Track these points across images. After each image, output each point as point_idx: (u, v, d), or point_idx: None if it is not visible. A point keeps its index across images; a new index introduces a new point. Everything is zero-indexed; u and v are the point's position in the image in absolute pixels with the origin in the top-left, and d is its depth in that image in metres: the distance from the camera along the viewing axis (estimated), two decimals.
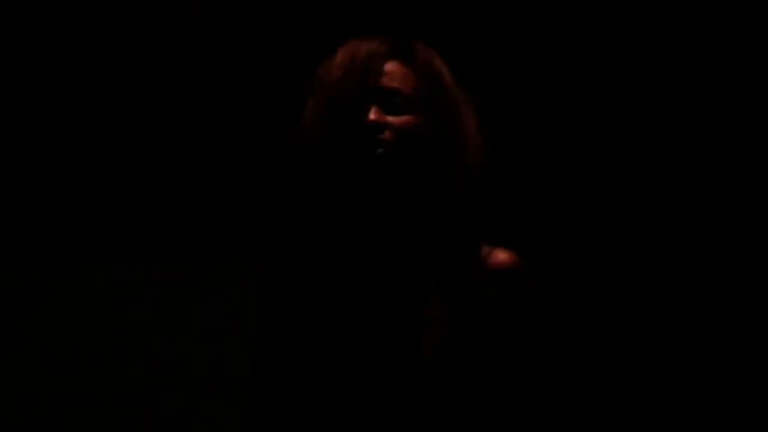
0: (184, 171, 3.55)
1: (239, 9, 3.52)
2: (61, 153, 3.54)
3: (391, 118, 1.95)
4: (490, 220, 2.02)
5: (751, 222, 3.43)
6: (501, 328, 1.95)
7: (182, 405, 3.44)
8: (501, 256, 1.98)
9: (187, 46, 3.54)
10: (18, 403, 3.46)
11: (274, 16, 3.51)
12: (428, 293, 1.96)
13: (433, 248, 1.99)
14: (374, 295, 1.96)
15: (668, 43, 3.45)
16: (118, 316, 3.51)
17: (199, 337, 3.47)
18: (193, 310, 3.50)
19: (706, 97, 3.45)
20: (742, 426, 3.39)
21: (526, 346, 1.96)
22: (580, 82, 3.48)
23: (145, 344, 3.49)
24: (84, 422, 3.46)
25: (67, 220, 3.53)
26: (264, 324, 2.00)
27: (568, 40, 3.48)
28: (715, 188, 3.44)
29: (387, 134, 1.93)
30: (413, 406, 1.89)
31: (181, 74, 3.55)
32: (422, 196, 1.98)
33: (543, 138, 3.48)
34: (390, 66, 1.99)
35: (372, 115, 1.93)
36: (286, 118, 2.05)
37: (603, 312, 3.43)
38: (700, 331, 3.43)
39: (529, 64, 3.47)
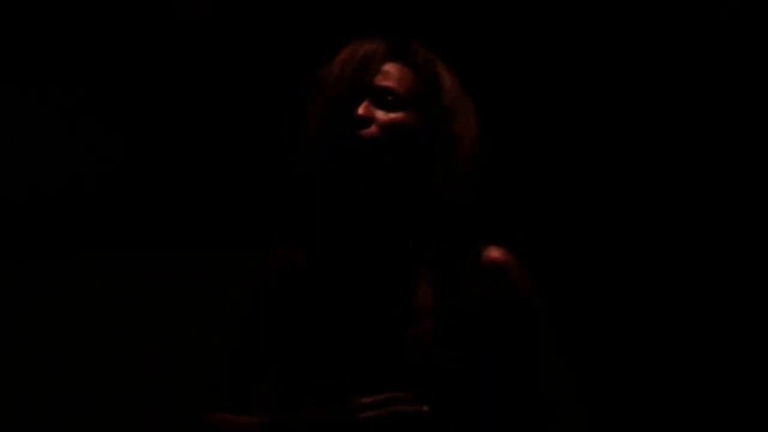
0: (184, 171, 3.56)
1: (239, 9, 3.53)
2: (61, 153, 3.55)
3: (379, 114, 1.96)
4: (486, 218, 2.03)
5: (750, 222, 3.43)
6: (494, 325, 1.96)
7: (182, 400, 3.45)
8: (494, 253, 2.01)
9: (187, 46, 3.54)
10: (22, 396, 3.47)
11: (274, 16, 3.52)
12: (422, 288, 1.98)
13: (428, 245, 2.01)
14: (370, 290, 1.98)
15: (668, 43, 3.46)
16: (115, 315, 3.52)
17: (199, 333, 3.48)
18: (194, 307, 3.51)
19: (706, 96, 3.45)
20: (742, 426, 3.40)
21: (519, 342, 1.97)
22: (579, 82, 3.48)
23: (145, 340, 3.51)
24: (86, 415, 3.48)
25: (66, 219, 3.54)
26: (262, 317, 2.02)
27: (567, 40, 3.48)
28: (715, 188, 3.45)
29: (373, 129, 1.95)
30: (405, 390, 1.90)
31: (181, 74, 3.56)
32: (416, 195, 1.99)
33: (541, 138, 3.49)
34: (388, 66, 2.02)
35: (360, 110, 1.95)
36: (286, 118, 2.06)
37: (600, 310, 3.44)
38: (698, 329, 3.44)
39: (528, 64, 3.48)
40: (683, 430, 3.40)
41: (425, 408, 1.84)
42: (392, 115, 1.97)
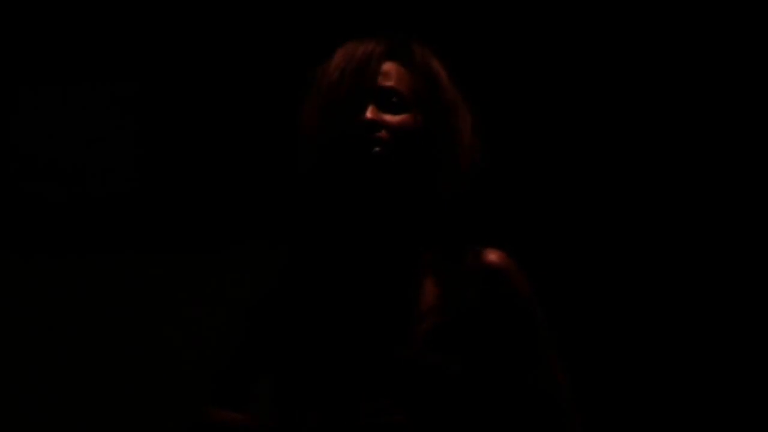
0: (191, 168, 3.57)
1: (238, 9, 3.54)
2: (74, 152, 3.57)
3: (387, 117, 1.96)
4: (483, 219, 2.04)
5: (749, 224, 3.43)
6: (492, 327, 1.97)
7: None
8: (491, 255, 2.00)
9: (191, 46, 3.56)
10: (23, 396, 3.49)
11: (274, 17, 3.53)
12: (425, 288, 1.98)
13: (429, 245, 2.01)
14: (372, 290, 1.98)
15: (668, 42, 3.46)
16: (121, 316, 3.53)
17: (203, 334, 3.49)
18: (198, 308, 3.52)
19: (704, 97, 3.45)
20: (742, 426, 3.40)
21: (517, 344, 1.97)
22: (577, 82, 3.48)
23: (152, 341, 3.52)
24: (86, 415, 3.49)
25: (79, 219, 3.56)
26: (265, 315, 2.02)
27: (565, 41, 3.48)
28: (714, 190, 3.44)
29: (383, 133, 1.95)
30: (401, 392, 1.90)
31: (186, 72, 3.58)
32: (418, 195, 1.99)
33: (538, 138, 3.48)
34: (387, 66, 2.01)
35: (369, 114, 1.95)
36: (289, 118, 2.07)
37: (598, 311, 3.44)
38: (696, 330, 3.43)
39: (525, 65, 3.48)
40: (683, 430, 3.40)
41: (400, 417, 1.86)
42: (399, 118, 1.97)
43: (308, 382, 1.93)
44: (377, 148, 1.94)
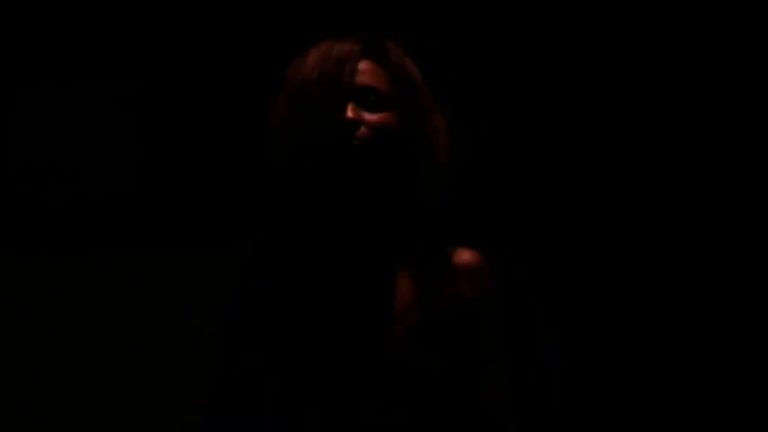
0: (191, 168, 3.57)
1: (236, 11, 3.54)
2: (72, 152, 3.57)
3: (367, 115, 1.97)
4: (459, 218, 2.04)
5: (749, 225, 3.43)
6: (464, 325, 1.97)
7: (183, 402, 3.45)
8: (465, 255, 2.01)
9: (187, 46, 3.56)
10: (23, 397, 3.49)
11: (274, 17, 3.53)
12: (402, 287, 1.98)
13: (403, 243, 2.01)
14: (350, 290, 1.98)
15: (666, 42, 3.45)
16: (120, 317, 3.53)
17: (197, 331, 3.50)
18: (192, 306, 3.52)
19: (703, 97, 3.44)
20: (742, 426, 3.39)
21: (487, 342, 1.98)
22: (566, 79, 3.48)
23: (152, 342, 3.52)
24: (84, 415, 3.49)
25: (79, 219, 3.56)
26: (242, 315, 2.02)
27: (559, 42, 3.48)
28: (709, 191, 3.44)
29: (363, 131, 1.95)
30: (391, 392, 1.90)
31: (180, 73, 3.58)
32: (397, 195, 1.99)
33: (518, 139, 3.48)
34: (363, 65, 2.01)
35: (349, 113, 1.95)
36: (258, 119, 2.07)
37: (582, 313, 3.44)
38: (693, 331, 3.43)
39: (509, 65, 3.47)
40: (682, 430, 3.40)
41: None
42: (379, 116, 1.97)
43: (300, 382, 1.93)
44: (356, 143, 1.94)
